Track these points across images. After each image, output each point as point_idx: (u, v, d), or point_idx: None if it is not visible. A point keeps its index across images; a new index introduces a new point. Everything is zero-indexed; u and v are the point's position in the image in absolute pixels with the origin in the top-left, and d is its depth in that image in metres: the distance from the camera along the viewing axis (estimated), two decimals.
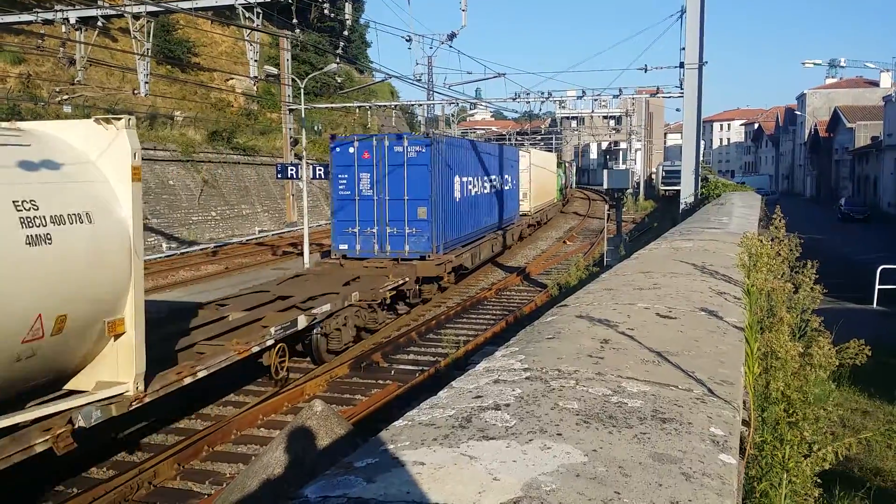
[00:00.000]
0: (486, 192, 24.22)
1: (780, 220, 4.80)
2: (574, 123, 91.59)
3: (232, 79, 43.57)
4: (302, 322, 12.38)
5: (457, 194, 20.21)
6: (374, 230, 18.27)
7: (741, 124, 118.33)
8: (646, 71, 27.56)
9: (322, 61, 45.92)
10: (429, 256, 18.11)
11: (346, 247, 18.49)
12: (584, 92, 32.19)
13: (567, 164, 59.43)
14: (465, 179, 21.09)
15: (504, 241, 26.92)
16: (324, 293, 14.12)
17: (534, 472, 2.02)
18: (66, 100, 29.28)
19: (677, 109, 46.92)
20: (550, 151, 57.24)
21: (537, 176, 35.77)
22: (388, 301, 15.62)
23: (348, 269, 17.64)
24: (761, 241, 3.82)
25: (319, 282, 15.59)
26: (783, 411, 2.95)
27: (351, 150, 18.23)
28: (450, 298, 20.14)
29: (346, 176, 18.25)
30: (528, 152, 34.87)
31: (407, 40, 25.35)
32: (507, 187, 28.16)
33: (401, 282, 16.73)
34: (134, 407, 8.41)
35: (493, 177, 25.34)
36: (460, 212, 20.63)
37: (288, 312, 12.72)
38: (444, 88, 36.75)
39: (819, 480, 3.09)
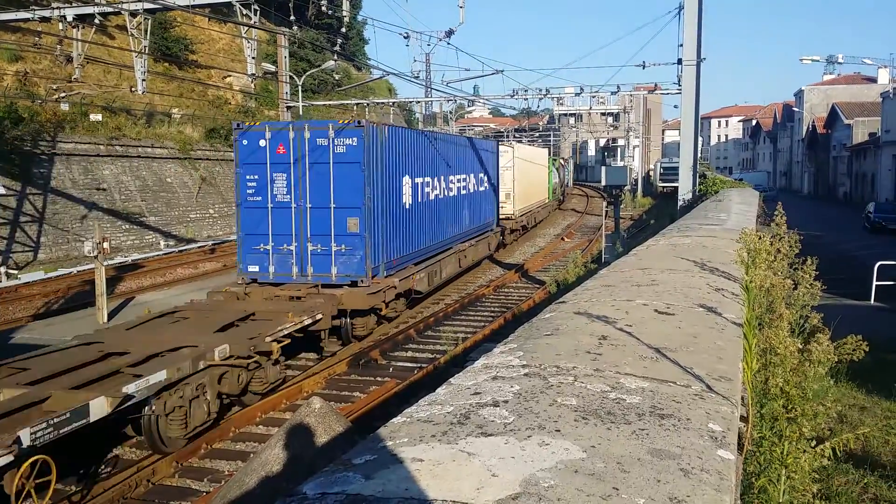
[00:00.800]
0: (451, 194, 20.25)
1: (781, 217, 4.82)
2: (572, 120, 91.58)
3: (229, 76, 43.50)
4: (98, 409, 7.94)
5: (407, 199, 16.36)
6: (293, 247, 14.43)
7: (739, 121, 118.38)
8: (644, 68, 27.65)
9: (320, 58, 45.92)
10: (362, 282, 14.22)
11: (256, 268, 14.61)
12: (581, 89, 32.26)
13: (563, 161, 56.40)
14: (419, 180, 17.27)
15: (478, 253, 23.04)
16: (177, 347, 10.03)
17: (532, 468, 2.02)
18: (63, 97, 29.22)
19: (675, 106, 46.95)
20: (548, 148, 56.61)
21: (524, 173, 31.59)
22: (274, 356, 11.19)
23: (252, 300, 13.87)
24: (759, 238, 3.82)
25: (191, 324, 11.77)
26: (782, 407, 2.95)
27: (262, 142, 14.32)
28: (448, 296, 20.15)
29: (257, 177, 14.41)
30: (512, 146, 30.13)
31: (405, 37, 25.31)
32: (481, 188, 24.07)
33: (307, 321, 12.44)
34: None
35: (461, 176, 21.31)
36: (412, 221, 16.80)
37: (80, 392, 8.24)
38: (441, 85, 36.67)
39: (817, 476, 3.10)
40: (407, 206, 16.38)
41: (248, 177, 14.54)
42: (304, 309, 12.83)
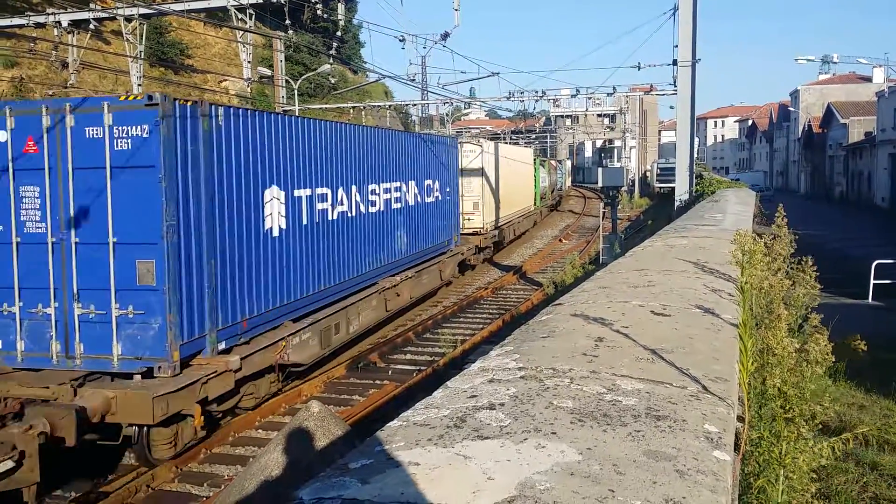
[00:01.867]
0: (374, 210, 14.85)
1: (782, 219, 4.84)
2: (568, 122, 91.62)
3: (225, 80, 43.48)
4: None
5: (275, 223, 10.96)
6: (52, 310, 8.85)
7: (735, 121, 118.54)
8: (639, 69, 27.69)
9: (315, 62, 45.93)
10: (160, 368, 8.57)
11: None
12: (577, 90, 32.26)
13: (555, 163, 51.88)
14: (303, 193, 11.82)
15: (422, 287, 17.70)
16: None
17: (528, 471, 2.02)
18: None
19: (671, 107, 46.97)
20: (546, 149, 56.08)
21: (500, 177, 26.32)
22: None
23: None
24: (754, 239, 3.83)
25: None
26: (780, 407, 2.95)
27: (2, 135, 8.94)
28: (446, 298, 20.13)
29: None
30: (480, 144, 24.47)
31: (400, 40, 25.28)
32: (430, 198, 18.53)
33: None
34: None
35: (393, 184, 15.98)
36: (287, 256, 11.31)
37: None
38: (437, 88, 36.55)
39: (816, 475, 3.10)
40: (275, 234, 11.00)
41: None
42: None
